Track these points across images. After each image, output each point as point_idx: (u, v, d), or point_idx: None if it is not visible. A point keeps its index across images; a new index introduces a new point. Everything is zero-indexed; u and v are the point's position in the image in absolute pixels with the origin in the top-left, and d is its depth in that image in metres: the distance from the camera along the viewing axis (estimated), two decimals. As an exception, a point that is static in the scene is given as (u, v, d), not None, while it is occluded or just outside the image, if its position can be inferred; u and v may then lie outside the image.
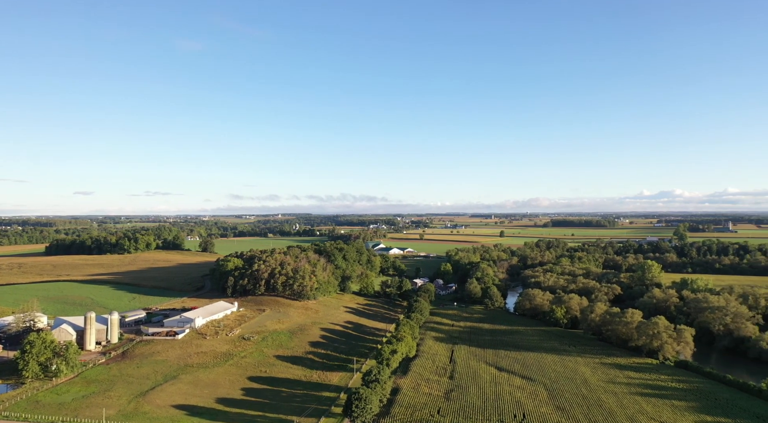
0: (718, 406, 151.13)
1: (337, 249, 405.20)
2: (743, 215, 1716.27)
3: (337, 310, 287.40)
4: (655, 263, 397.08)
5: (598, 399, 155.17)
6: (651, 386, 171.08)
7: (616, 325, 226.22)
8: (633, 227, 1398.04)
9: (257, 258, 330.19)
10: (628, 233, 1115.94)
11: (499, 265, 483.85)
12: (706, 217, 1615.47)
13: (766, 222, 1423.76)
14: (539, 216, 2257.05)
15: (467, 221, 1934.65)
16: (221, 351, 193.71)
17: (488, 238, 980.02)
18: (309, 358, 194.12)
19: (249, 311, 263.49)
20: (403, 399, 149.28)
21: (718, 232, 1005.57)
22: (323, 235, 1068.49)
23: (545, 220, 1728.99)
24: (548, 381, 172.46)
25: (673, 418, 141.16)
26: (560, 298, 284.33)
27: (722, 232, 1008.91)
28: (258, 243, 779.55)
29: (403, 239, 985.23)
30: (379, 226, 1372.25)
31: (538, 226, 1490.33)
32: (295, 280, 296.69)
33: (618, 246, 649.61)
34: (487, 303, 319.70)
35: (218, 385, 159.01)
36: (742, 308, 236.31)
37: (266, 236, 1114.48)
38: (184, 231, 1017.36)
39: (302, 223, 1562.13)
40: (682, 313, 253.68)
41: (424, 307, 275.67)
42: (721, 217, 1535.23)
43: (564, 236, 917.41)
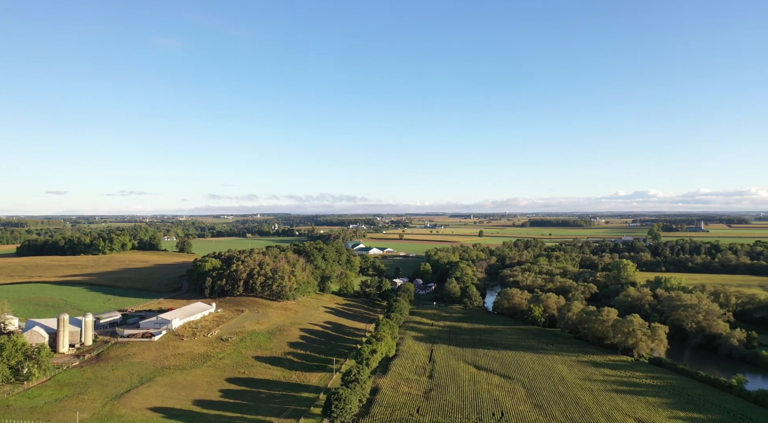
0: (691, 402, 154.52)
1: (317, 249, 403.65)
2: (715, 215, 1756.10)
3: (316, 310, 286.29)
4: (630, 262, 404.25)
5: (574, 396, 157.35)
6: (626, 383, 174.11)
7: (592, 323, 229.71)
8: (609, 227, 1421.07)
9: (236, 258, 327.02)
10: (604, 233, 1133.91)
11: (478, 264, 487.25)
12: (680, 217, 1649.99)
13: (737, 222, 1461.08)
14: (517, 216, 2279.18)
15: (446, 221, 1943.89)
16: (199, 352, 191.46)
17: (467, 237, 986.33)
18: (288, 359, 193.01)
19: (227, 312, 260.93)
20: (383, 399, 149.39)
21: (690, 232, 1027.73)
22: (302, 235, 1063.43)
23: (523, 220, 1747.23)
24: (526, 379, 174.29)
25: (647, 414, 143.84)
26: (538, 297, 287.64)
27: (695, 232, 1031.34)
28: (236, 243, 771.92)
29: (382, 239, 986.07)
30: (359, 226, 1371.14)
31: (516, 226, 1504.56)
32: (274, 281, 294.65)
33: (594, 245, 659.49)
34: (466, 302, 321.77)
35: (196, 387, 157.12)
36: (714, 306, 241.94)
37: (245, 236, 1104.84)
38: (161, 231, 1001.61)
39: (281, 223, 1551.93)
40: (656, 311, 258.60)
41: (403, 306, 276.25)
42: (693, 217, 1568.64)
43: (542, 236, 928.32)
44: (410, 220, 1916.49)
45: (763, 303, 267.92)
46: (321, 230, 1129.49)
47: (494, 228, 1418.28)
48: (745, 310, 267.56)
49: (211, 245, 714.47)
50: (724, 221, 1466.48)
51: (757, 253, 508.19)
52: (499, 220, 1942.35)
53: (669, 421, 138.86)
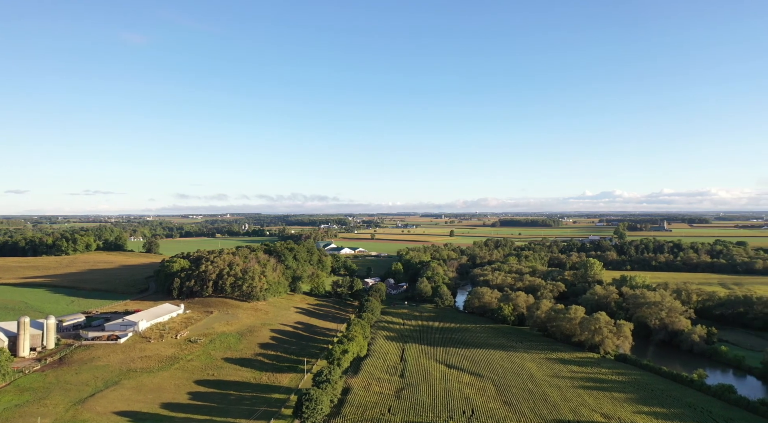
0: (654, 397, 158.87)
1: (288, 249, 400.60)
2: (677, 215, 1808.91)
3: (287, 310, 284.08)
4: (597, 261, 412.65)
5: (543, 393, 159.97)
6: (593, 379, 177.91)
7: (560, 321, 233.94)
8: (576, 226, 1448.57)
9: (205, 259, 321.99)
10: (572, 232, 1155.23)
11: (449, 264, 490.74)
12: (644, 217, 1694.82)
13: (698, 221, 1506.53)
14: (488, 215, 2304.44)
15: (418, 221, 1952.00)
16: (166, 354, 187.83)
17: (438, 237, 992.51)
18: (258, 360, 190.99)
19: (196, 313, 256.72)
20: (354, 398, 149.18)
21: (654, 231, 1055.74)
22: (273, 235, 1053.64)
23: (494, 220, 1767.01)
24: (496, 377, 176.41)
25: (613, 409, 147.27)
26: (508, 296, 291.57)
27: (658, 231, 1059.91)
28: (205, 243, 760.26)
29: (354, 239, 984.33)
30: (330, 226, 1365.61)
31: (486, 226, 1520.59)
32: (244, 281, 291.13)
33: (562, 244, 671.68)
34: (437, 302, 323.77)
35: (163, 390, 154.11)
36: (676, 303, 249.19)
37: (214, 236, 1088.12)
38: (127, 231, 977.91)
39: (252, 223, 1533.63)
40: (622, 309, 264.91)
41: (375, 306, 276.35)
42: (657, 217, 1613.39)
43: (511, 235, 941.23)
44: (382, 220, 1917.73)
45: (723, 300, 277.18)
46: (292, 230, 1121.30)
47: (465, 228, 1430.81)
48: (705, 307, 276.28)
49: (180, 245, 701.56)
50: (686, 221, 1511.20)
51: (717, 252, 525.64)
52: (470, 220, 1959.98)
53: (633, 415, 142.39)
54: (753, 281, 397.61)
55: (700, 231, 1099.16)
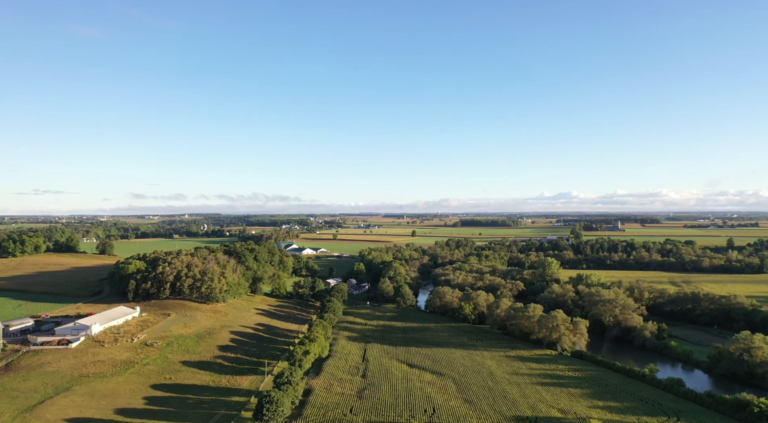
0: (609, 392, 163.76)
1: (248, 250, 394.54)
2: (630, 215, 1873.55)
3: (247, 312, 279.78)
4: (555, 260, 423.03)
5: (502, 390, 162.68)
6: (550, 376, 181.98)
7: (519, 319, 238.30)
8: (535, 226, 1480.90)
9: (162, 260, 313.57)
10: (531, 232, 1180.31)
11: (411, 264, 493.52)
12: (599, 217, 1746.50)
13: (650, 221, 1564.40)
14: (449, 216, 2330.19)
15: (380, 221, 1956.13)
16: (121, 359, 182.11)
17: (400, 237, 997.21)
18: (218, 363, 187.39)
19: (152, 316, 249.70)
20: (316, 399, 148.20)
21: (609, 231, 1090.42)
22: (233, 235, 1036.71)
23: (455, 220, 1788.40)
24: (457, 375, 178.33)
25: (569, 404, 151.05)
26: (468, 295, 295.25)
27: (612, 231, 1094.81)
28: (163, 244, 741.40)
29: (316, 239, 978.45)
30: (292, 227, 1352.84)
31: (448, 226, 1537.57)
32: (203, 283, 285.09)
33: (521, 244, 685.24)
34: (399, 301, 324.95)
35: (118, 395, 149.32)
36: (629, 301, 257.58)
37: (172, 237, 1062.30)
38: (79, 232, 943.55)
39: (211, 224, 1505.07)
40: (578, 307, 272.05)
41: (337, 307, 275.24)
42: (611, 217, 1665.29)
43: (472, 235, 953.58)
44: (344, 221, 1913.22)
45: (672, 297, 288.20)
46: (253, 231, 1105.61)
47: (427, 228, 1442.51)
48: (656, 304, 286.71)
49: (136, 247, 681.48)
50: (639, 221, 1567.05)
51: (667, 251, 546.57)
52: (431, 220, 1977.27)
53: (589, 410, 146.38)
54: (700, 279, 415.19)
55: (651, 231, 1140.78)
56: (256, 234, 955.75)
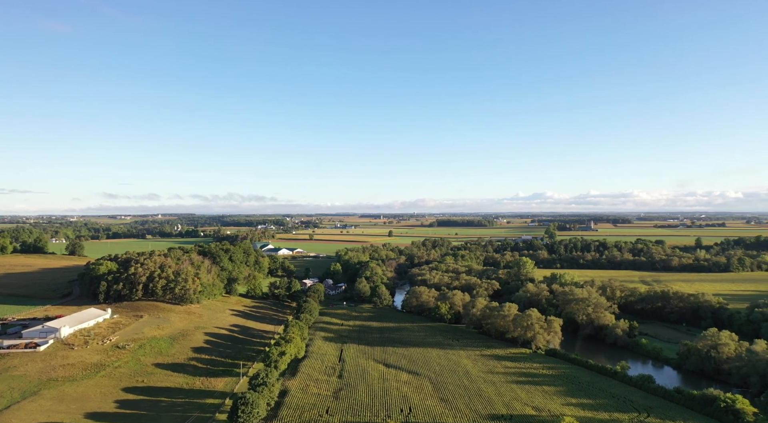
0: (582, 389, 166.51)
1: (223, 250, 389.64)
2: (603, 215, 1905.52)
3: (222, 313, 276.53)
4: (529, 260, 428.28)
5: (478, 389, 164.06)
6: (525, 374, 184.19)
7: (494, 318, 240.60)
8: (510, 227, 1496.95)
9: (134, 260, 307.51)
10: (506, 232, 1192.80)
11: (388, 264, 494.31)
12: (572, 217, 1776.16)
13: (621, 221, 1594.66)
14: (426, 216, 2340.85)
15: (357, 221, 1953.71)
16: (92, 362, 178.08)
17: (377, 237, 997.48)
18: (192, 365, 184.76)
19: (124, 318, 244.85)
20: (292, 401, 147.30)
21: (582, 231, 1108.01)
22: (208, 236, 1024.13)
23: (431, 220, 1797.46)
24: (433, 374, 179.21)
25: (543, 402, 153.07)
26: (445, 295, 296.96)
27: (586, 231, 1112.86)
28: (135, 245, 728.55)
29: (292, 240, 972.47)
30: (268, 227, 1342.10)
31: (424, 226, 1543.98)
32: (176, 284, 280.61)
33: (497, 244, 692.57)
34: (375, 301, 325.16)
35: (88, 399, 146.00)
36: (602, 299, 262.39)
37: (144, 238, 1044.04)
38: (48, 232, 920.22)
39: (185, 224, 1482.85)
40: (552, 305, 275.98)
41: (313, 307, 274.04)
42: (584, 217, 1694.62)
43: (448, 235, 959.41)
44: (320, 221, 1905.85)
45: (643, 296, 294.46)
46: (228, 231, 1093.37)
47: (403, 228, 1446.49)
48: (628, 302, 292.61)
49: (107, 247, 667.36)
50: (611, 221, 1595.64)
51: (638, 250, 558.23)
52: (408, 220, 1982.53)
53: (562, 407, 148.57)
54: (670, 278, 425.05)
55: (623, 231, 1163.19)
56: (231, 234, 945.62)
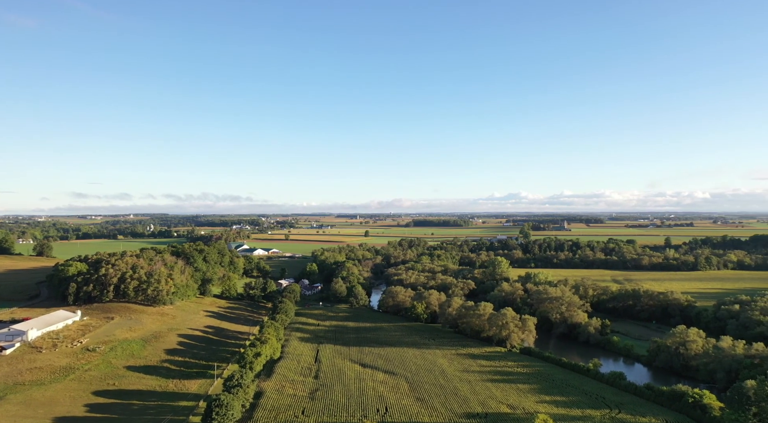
0: (555, 387, 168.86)
1: (197, 250, 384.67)
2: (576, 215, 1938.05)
3: (196, 314, 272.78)
4: (504, 259, 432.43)
5: (454, 388, 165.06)
6: (500, 372, 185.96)
7: (470, 317, 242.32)
8: (485, 226, 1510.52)
9: (105, 261, 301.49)
10: (481, 232, 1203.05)
11: (364, 264, 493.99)
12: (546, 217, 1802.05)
13: (594, 221, 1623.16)
14: (402, 216, 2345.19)
15: (333, 221, 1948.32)
16: (60, 365, 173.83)
17: (353, 237, 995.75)
18: (165, 367, 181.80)
19: (95, 320, 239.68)
20: (267, 402, 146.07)
21: (556, 231, 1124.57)
22: (182, 236, 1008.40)
23: (407, 220, 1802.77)
24: (409, 374, 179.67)
25: (518, 400, 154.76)
26: (421, 294, 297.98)
27: (559, 231, 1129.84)
28: (106, 245, 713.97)
29: (268, 240, 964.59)
30: (243, 227, 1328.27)
31: (400, 226, 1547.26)
32: (149, 285, 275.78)
33: (472, 244, 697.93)
34: (352, 301, 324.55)
35: (56, 404, 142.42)
36: (575, 298, 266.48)
37: (116, 238, 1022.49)
38: (14, 233, 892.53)
39: (158, 224, 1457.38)
40: (527, 305, 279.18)
41: (289, 307, 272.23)
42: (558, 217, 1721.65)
43: (425, 235, 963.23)
44: (296, 221, 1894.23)
45: (615, 294, 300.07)
46: (202, 231, 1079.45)
47: (380, 228, 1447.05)
48: (600, 301, 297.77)
49: (77, 248, 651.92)
50: (584, 221, 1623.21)
51: (610, 250, 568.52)
52: (384, 220, 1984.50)
53: (536, 405, 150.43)
54: (640, 276, 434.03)
55: (595, 230, 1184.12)
56: (205, 234, 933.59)
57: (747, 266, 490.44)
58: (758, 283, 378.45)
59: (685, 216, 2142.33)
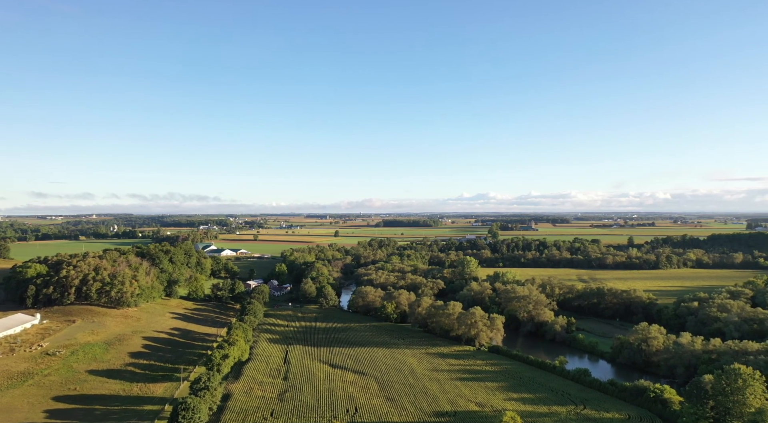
0: (522, 384, 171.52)
1: (163, 251, 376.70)
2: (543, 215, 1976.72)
3: (162, 316, 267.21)
4: (473, 259, 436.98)
5: (423, 387, 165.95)
6: (468, 371, 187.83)
7: (439, 317, 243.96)
8: (454, 226, 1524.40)
9: (66, 263, 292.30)
10: (451, 232, 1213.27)
11: (334, 264, 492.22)
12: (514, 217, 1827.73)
13: (560, 221, 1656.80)
14: (372, 216, 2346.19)
15: (303, 222, 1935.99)
16: (18, 370, 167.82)
17: (323, 238, 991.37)
18: (129, 371, 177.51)
19: (55, 323, 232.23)
20: (235, 404, 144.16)
21: (523, 231, 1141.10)
22: (147, 237, 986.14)
23: (377, 220, 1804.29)
24: (379, 374, 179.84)
25: (486, 398, 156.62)
26: (391, 294, 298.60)
27: (527, 231, 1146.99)
28: (67, 246, 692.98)
29: (236, 240, 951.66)
30: (210, 227, 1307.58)
31: (371, 226, 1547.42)
32: (112, 287, 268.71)
33: (442, 244, 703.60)
34: (321, 302, 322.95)
35: (14, 410, 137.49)
36: (542, 297, 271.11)
37: (78, 239, 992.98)
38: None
39: (122, 225, 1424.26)
40: (495, 303, 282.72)
41: (257, 309, 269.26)
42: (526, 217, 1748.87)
43: (395, 235, 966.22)
44: (265, 221, 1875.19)
45: (580, 292, 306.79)
46: (168, 231, 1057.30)
47: (350, 228, 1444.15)
48: (566, 299, 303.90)
49: (36, 249, 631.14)
50: (550, 221, 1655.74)
51: (576, 249, 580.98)
52: (354, 221, 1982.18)
53: (504, 402, 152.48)
54: (605, 275, 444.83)
55: (562, 230, 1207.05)
56: (171, 235, 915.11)
57: (705, 264, 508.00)
58: (716, 281, 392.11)
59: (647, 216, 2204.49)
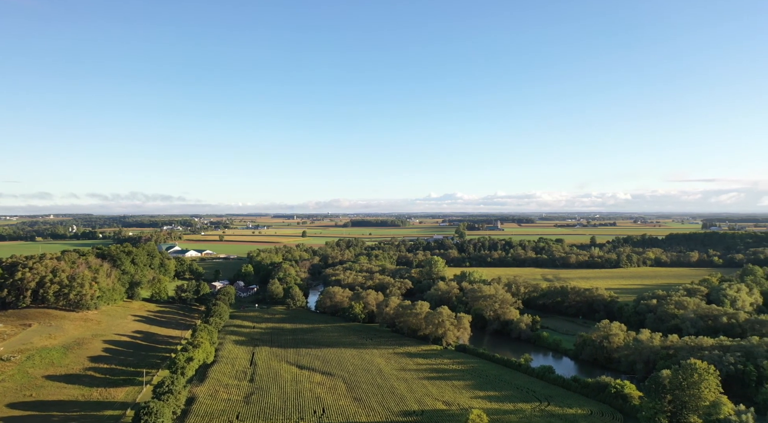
0: (489, 382, 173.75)
1: (125, 252, 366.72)
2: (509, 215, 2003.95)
3: (123, 319, 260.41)
4: (441, 259, 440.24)
5: (391, 386, 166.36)
6: (436, 370, 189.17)
7: (407, 316, 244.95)
8: (422, 226, 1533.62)
9: (21, 264, 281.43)
10: (419, 232, 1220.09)
11: (301, 264, 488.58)
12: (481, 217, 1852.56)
13: (525, 221, 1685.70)
14: (340, 216, 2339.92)
15: (270, 222, 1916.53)
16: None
17: (291, 238, 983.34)
18: (88, 375, 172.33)
19: (9, 327, 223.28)
20: (200, 408, 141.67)
21: (490, 231, 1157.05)
22: (108, 237, 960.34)
23: (345, 220, 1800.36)
24: (347, 374, 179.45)
25: (453, 396, 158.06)
26: (359, 294, 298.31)
27: (493, 231, 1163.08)
28: (23, 248, 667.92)
29: (201, 241, 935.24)
30: (174, 228, 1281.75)
31: (338, 226, 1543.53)
32: (71, 289, 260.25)
33: (410, 244, 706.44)
34: (289, 303, 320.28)
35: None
36: (508, 296, 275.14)
37: (34, 240, 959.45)
38: None
39: (81, 225, 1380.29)
40: (462, 303, 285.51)
41: (223, 310, 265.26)
42: (492, 217, 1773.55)
43: (362, 235, 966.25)
44: (231, 221, 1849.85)
45: (545, 291, 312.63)
46: (130, 232, 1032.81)
47: (317, 228, 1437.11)
48: (531, 298, 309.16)
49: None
50: (516, 221, 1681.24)
51: (540, 249, 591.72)
52: (322, 221, 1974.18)
53: (471, 400, 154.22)
54: (568, 274, 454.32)
55: (527, 230, 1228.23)
56: (133, 235, 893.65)
57: (663, 263, 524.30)
58: (673, 279, 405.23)
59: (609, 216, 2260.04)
